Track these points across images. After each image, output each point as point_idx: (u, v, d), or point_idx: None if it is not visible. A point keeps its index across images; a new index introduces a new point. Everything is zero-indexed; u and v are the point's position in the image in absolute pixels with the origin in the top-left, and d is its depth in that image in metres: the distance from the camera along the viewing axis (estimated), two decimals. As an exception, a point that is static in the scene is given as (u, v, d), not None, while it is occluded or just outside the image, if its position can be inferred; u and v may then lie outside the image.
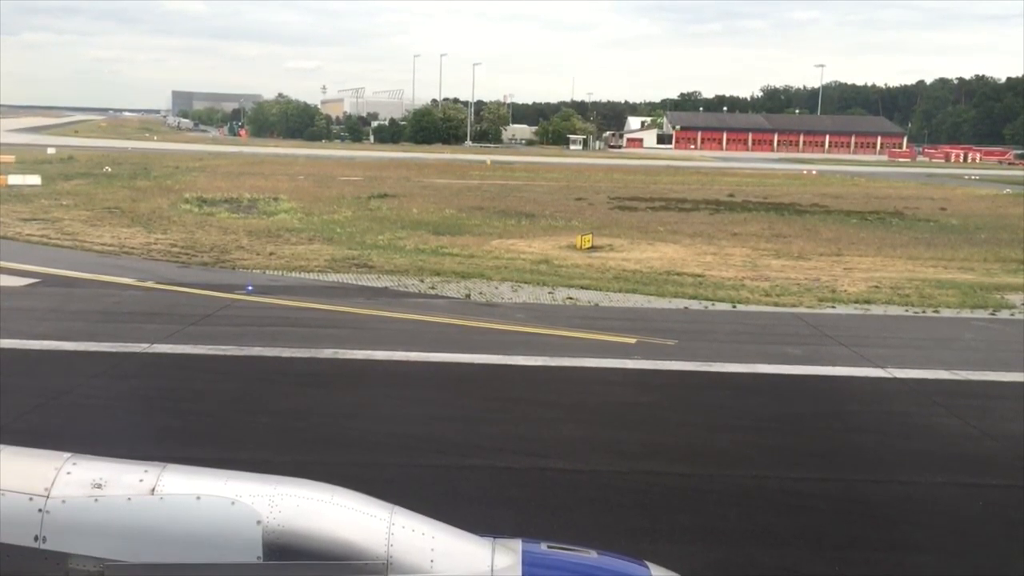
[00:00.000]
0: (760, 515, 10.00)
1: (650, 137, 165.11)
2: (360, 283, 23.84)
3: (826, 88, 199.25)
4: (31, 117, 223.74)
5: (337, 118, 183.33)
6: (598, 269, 26.60)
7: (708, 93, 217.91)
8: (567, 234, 34.02)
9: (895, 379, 15.51)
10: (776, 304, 22.05)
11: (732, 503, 10.26)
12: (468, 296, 22.20)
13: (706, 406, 14.09)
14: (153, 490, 4.37)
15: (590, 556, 5.07)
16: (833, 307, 21.96)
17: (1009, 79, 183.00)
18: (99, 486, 4.35)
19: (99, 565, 4.22)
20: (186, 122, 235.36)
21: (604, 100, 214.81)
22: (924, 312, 21.66)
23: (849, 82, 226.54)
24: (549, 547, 5.07)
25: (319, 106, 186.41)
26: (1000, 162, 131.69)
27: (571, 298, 22.16)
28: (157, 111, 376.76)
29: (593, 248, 30.71)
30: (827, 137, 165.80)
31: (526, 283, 23.99)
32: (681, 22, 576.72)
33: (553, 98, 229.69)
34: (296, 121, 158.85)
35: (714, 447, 12.10)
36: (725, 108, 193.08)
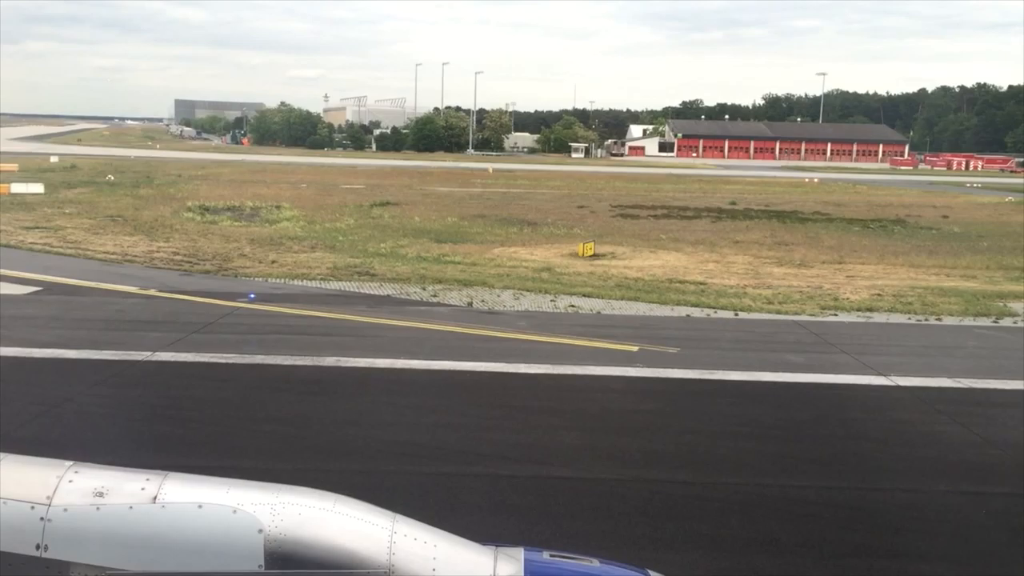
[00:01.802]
0: (763, 523, 9.97)
1: (652, 145, 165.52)
2: (362, 291, 23.85)
3: (828, 96, 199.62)
4: (34, 125, 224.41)
5: (339, 126, 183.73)
6: (600, 277, 26.59)
7: (710, 101, 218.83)
8: (569, 242, 34.04)
9: (898, 387, 15.49)
10: (778, 312, 22.02)
11: (734, 511, 10.24)
12: (470, 304, 22.20)
13: (708, 414, 14.06)
14: (155, 498, 4.37)
15: (592, 565, 5.07)
16: (835, 315, 21.93)
17: (1011, 87, 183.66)
18: (101, 494, 4.34)
19: (101, 573, 4.22)
20: (189, 130, 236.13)
21: (606, 108, 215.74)
22: (927, 320, 21.63)
23: (851, 90, 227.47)
24: (551, 556, 5.07)
25: (321, 114, 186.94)
26: (1002, 170, 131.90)
27: (573, 306, 22.14)
28: (160, 119, 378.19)
29: (595, 256, 30.71)
30: (829, 145, 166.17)
31: (528, 291, 23.98)
32: (683, 30, 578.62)
33: (555, 106, 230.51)
34: (299, 129, 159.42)
35: (716, 455, 12.08)
36: (727, 116, 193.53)
